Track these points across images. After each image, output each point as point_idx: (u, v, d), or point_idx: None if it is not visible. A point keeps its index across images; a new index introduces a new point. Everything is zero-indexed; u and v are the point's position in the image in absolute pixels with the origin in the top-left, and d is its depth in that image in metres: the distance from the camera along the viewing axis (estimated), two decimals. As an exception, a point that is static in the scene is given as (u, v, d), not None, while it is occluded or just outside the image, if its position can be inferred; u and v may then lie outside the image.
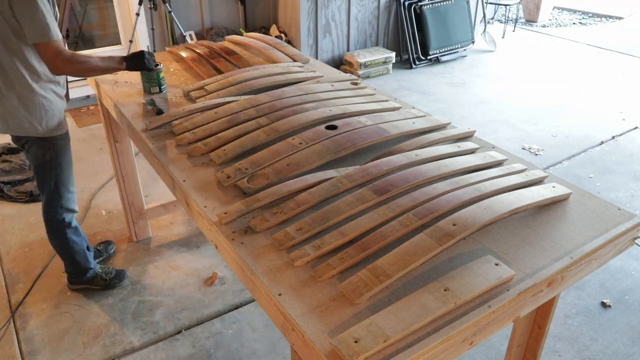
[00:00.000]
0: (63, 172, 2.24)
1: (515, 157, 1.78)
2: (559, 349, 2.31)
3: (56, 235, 2.37)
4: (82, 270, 2.53)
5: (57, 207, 2.29)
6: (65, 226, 2.35)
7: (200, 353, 2.29)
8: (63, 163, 2.23)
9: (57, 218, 2.32)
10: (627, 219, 1.48)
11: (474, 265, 1.27)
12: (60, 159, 2.21)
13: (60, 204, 2.29)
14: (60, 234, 2.36)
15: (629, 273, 2.77)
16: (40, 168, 2.20)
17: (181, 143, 1.89)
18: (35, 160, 2.18)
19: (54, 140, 2.17)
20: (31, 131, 2.10)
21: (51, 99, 2.12)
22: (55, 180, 2.23)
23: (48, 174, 2.21)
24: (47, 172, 2.21)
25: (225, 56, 2.63)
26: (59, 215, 2.31)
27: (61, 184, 2.26)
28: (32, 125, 2.09)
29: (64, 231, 2.36)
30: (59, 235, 2.37)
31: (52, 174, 2.21)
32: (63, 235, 2.37)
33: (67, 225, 2.35)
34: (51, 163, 2.19)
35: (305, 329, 1.12)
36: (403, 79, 5.47)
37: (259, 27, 5.42)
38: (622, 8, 8.20)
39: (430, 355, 1.09)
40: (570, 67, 5.82)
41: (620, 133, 4.33)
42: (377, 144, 1.82)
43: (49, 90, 2.10)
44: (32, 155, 2.18)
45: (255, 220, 1.45)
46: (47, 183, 2.23)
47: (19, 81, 2.01)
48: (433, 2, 5.72)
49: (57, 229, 2.35)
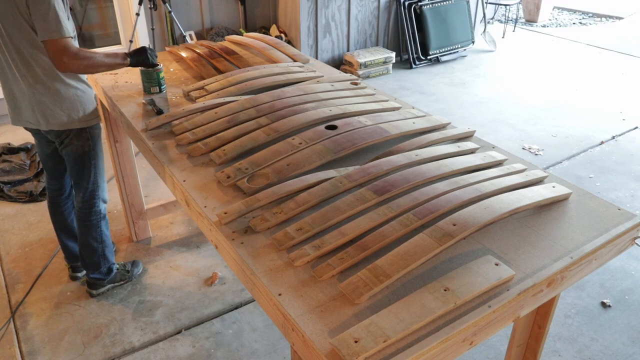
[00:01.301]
0: (99, 162, 2.31)
1: (515, 157, 1.78)
2: (559, 349, 2.31)
3: (93, 229, 2.38)
4: (108, 268, 2.53)
5: (96, 198, 2.34)
6: (101, 218, 2.40)
7: (200, 353, 2.29)
8: (99, 152, 2.30)
9: (96, 209, 2.36)
10: (627, 219, 1.48)
11: (474, 265, 1.27)
12: (97, 148, 2.28)
13: (99, 195, 2.34)
14: (97, 227, 2.38)
15: (629, 273, 2.77)
16: (81, 160, 2.24)
17: (181, 143, 1.89)
18: (75, 152, 2.22)
19: (91, 130, 2.23)
20: (70, 124, 2.14)
21: (83, 88, 2.16)
22: (95, 170, 2.29)
23: (87, 165, 2.26)
24: (87, 164, 2.26)
25: (225, 56, 2.63)
26: (97, 206, 2.35)
27: (99, 174, 2.33)
28: (71, 117, 2.13)
29: (100, 223, 2.39)
30: (95, 229, 2.38)
31: (91, 164, 2.27)
32: (98, 229, 2.40)
33: (102, 217, 2.40)
34: (90, 153, 2.25)
35: (305, 329, 1.12)
36: (403, 79, 5.47)
37: (259, 27, 5.42)
38: (622, 8, 8.20)
39: (430, 355, 1.09)
40: (570, 67, 5.82)
41: (620, 133, 4.33)
42: (377, 144, 1.82)
43: (79, 81, 2.15)
44: (72, 148, 2.21)
45: (255, 220, 1.45)
46: (87, 175, 2.28)
47: (51, 77, 2.04)
48: (433, 2, 5.72)
49: (94, 222, 2.37)
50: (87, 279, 2.55)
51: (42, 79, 2.04)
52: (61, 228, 2.53)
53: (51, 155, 2.33)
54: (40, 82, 2.04)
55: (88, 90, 2.19)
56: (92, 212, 2.35)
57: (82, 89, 2.15)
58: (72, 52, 1.93)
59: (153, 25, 4.60)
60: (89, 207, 2.34)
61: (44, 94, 2.06)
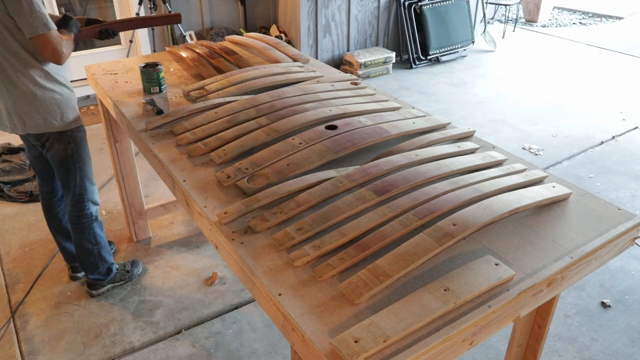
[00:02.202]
0: (85, 165, 2.30)
1: (515, 157, 1.78)
2: (559, 349, 2.31)
3: (85, 232, 2.39)
4: (107, 269, 2.54)
5: (85, 201, 2.34)
6: (93, 220, 2.40)
7: (200, 353, 2.29)
8: (84, 155, 2.29)
9: (86, 212, 2.36)
10: (627, 219, 1.48)
11: (474, 265, 1.27)
12: (81, 151, 2.26)
13: (87, 197, 2.34)
14: (89, 229, 2.39)
15: (629, 273, 2.77)
16: (64, 164, 2.24)
17: (181, 143, 1.89)
18: (58, 156, 2.21)
19: (72, 133, 2.21)
20: (48, 127, 2.12)
21: (61, 91, 2.13)
22: (80, 173, 2.28)
23: (72, 168, 2.26)
24: (71, 167, 2.25)
25: (225, 56, 2.63)
26: (87, 209, 2.35)
27: (85, 177, 2.31)
28: (47, 121, 2.11)
29: (92, 225, 2.40)
30: (87, 231, 2.39)
31: (76, 167, 2.26)
32: (91, 231, 2.40)
33: (94, 219, 2.40)
34: (74, 157, 2.24)
35: (305, 329, 1.12)
36: (403, 79, 5.47)
37: (259, 27, 5.42)
38: (622, 8, 8.20)
39: (430, 355, 1.09)
40: (570, 67, 5.82)
41: (620, 133, 4.33)
42: (377, 144, 1.82)
43: (57, 84, 2.11)
44: (54, 152, 2.20)
45: (255, 220, 1.45)
46: (73, 178, 2.27)
47: (25, 80, 2.02)
48: (433, 2, 5.72)
49: (86, 224, 2.38)
50: (87, 279, 2.55)
51: (16, 81, 2.02)
52: (57, 230, 2.54)
53: (39, 158, 2.33)
54: (15, 85, 2.02)
55: (67, 93, 2.15)
56: (83, 214, 2.35)
57: (59, 91, 2.11)
58: (63, 40, 1.96)
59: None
60: (79, 210, 2.34)
61: (19, 96, 2.04)
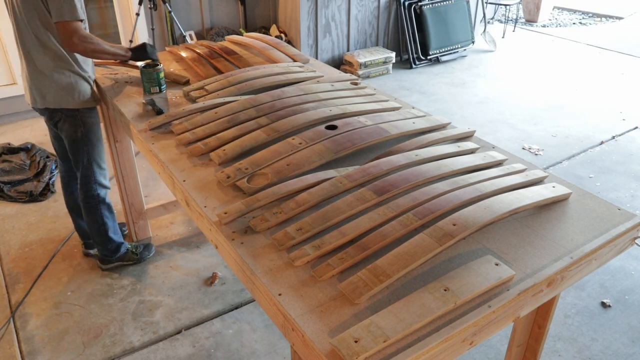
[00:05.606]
0: (94, 149, 2.41)
1: (515, 157, 1.78)
2: (559, 349, 2.31)
3: (92, 211, 2.51)
4: (116, 247, 2.67)
5: (92, 183, 2.45)
6: (100, 202, 2.50)
7: (200, 353, 2.29)
8: (93, 139, 2.39)
9: (92, 194, 2.47)
10: (627, 219, 1.48)
11: (474, 265, 1.27)
12: (90, 135, 2.37)
13: (94, 179, 2.46)
14: (95, 210, 2.51)
15: (629, 273, 2.77)
16: (74, 145, 2.36)
17: (181, 143, 1.89)
18: (69, 137, 2.34)
19: (84, 117, 2.32)
20: (64, 102, 2.24)
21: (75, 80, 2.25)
22: (88, 156, 2.39)
23: (80, 150, 2.37)
24: (80, 149, 2.37)
25: (225, 56, 2.63)
26: (94, 190, 2.46)
27: (93, 160, 2.42)
28: (64, 97, 2.24)
29: (99, 207, 2.50)
30: (94, 211, 2.51)
31: (84, 149, 2.38)
32: (98, 212, 2.52)
33: (101, 201, 2.50)
34: (83, 140, 2.35)
35: (305, 329, 1.12)
36: (403, 79, 5.47)
37: (259, 27, 5.42)
38: (622, 8, 8.20)
39: (430, 355, 1.09)
40: (570, 67, 5.82)
41: (620, 133, 4.33)
42: (377, 144, 1.82)
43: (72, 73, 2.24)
44: (65, 133, 2.34)
45: (255, 220, 1.45)
46: (81, 160, 2.40)
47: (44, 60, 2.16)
48: (433, 2, 5.72)
49: (93, 205, 2.50)
50: (98, 253, 2.69)
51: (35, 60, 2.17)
52: (72, 207, 2.68)
53: (56, 137, 2.48)
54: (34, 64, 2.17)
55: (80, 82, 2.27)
56: (90, 195, 2.47)
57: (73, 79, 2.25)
58: (82, 34, 2.06)
59: (153, 25, 4.60)
60: (86, 190, 2.46)
61: (38, 75, 2.20)
